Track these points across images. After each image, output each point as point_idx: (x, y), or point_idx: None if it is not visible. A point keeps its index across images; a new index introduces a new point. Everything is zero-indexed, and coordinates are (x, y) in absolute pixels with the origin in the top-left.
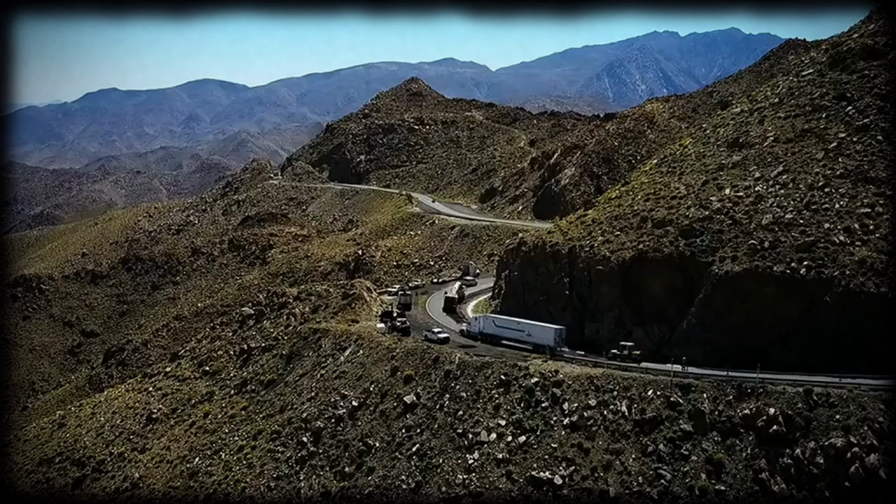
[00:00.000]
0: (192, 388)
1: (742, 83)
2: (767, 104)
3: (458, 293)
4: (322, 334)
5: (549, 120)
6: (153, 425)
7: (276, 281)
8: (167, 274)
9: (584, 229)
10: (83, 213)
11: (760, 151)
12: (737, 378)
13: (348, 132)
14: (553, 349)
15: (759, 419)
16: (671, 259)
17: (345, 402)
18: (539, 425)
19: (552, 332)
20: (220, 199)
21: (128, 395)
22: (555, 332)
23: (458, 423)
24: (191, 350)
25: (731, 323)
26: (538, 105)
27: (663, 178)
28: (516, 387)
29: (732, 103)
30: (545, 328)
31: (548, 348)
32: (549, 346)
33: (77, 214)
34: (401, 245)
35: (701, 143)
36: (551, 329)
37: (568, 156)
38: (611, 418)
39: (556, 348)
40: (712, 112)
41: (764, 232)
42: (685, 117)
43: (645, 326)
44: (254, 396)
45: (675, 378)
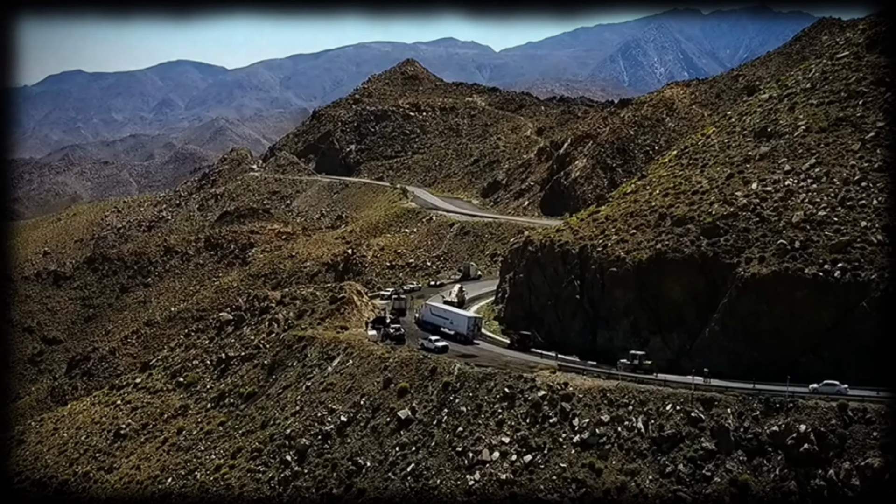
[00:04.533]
0: (164, 401)
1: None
2: (799, 90)
3: (458, 297)
4: (308, 342)
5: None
6: (121, 442)
7: (257, 283)
8: (137, 275)
9: (596, 227)
10: (45, 208)
11: (791, 142)
12: (764, 391)
13: (337, 119)
14: (467, 337)
15: (789, 437)
16: (692, 260)
17: (333, 418)
18: (546, 443)
19: (465, 321)
20: (196, 193)
21: (93, 408)
22: (468, 321)
23: (458, 441)
24: (163, 359)
25: (757, 331)
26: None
27: (684, 171)
28: (521, 400)
29: (760, 89)
30: (460, 316)
31: (462, 336)
32: (463, 335)
33: (38, 209)
34: (395, 244)
35: (725, 132)
36: (464, 317)
37: (579, 146)
38: (625, 435)
39: (469, 337)
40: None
41: (794, 230)
42: (708, 104)
43: (663, 334)
44: (232, 411)
45: (696, 391)
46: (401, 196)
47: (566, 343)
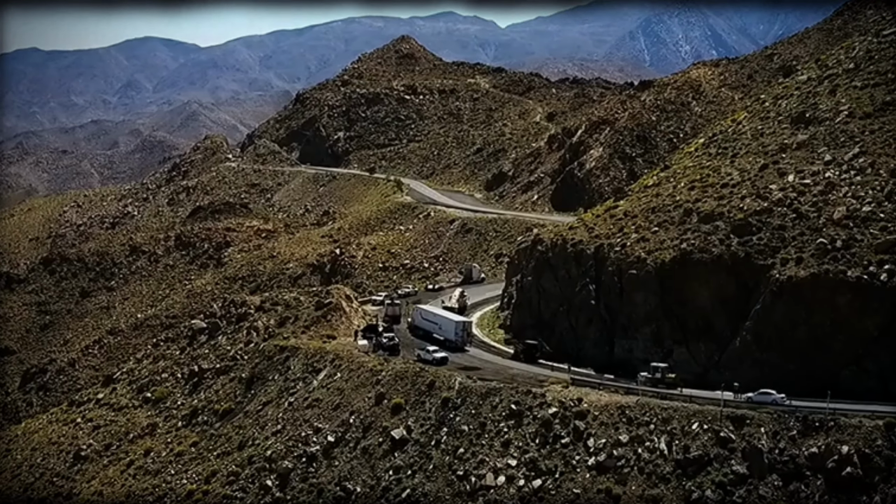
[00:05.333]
0: (129, 419)
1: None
2: (840, 70)
3: (459, 303)
4: (290, 353)
5: (572, 88)
6: (82, 465)
7: (233, 287)
8: (100, 278)
9: (614, 224)
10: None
11: (832, 129)
12: (802, 408)
13: (323, 103)
14: (455, 344)
15: (830, 459)
16: (721, 261)
17: (318, 437)
18: (558, 466)
19: (453, 325)
20: (166, 186)
21: (51, 427)
22: (455, 326)
23: (459, 464)
24: (128, 372)
25: (794, 340)
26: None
27: (712, 162)
28: (530, 418)
29: (797, 69)
30: (449, 320)
31: (451, 342)
32: (452, 341)
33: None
34: (388, 243)
35: (758, 118)
36: (452, 321)
37: (594, 133)
38: (646, 458)
39: (458, 343)
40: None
41: (836, 228)
42: (739, 86)
43: (688, 344)
44: (206, 430)
45: (725, 408)
46: (395, 189)
47: (580, 354)
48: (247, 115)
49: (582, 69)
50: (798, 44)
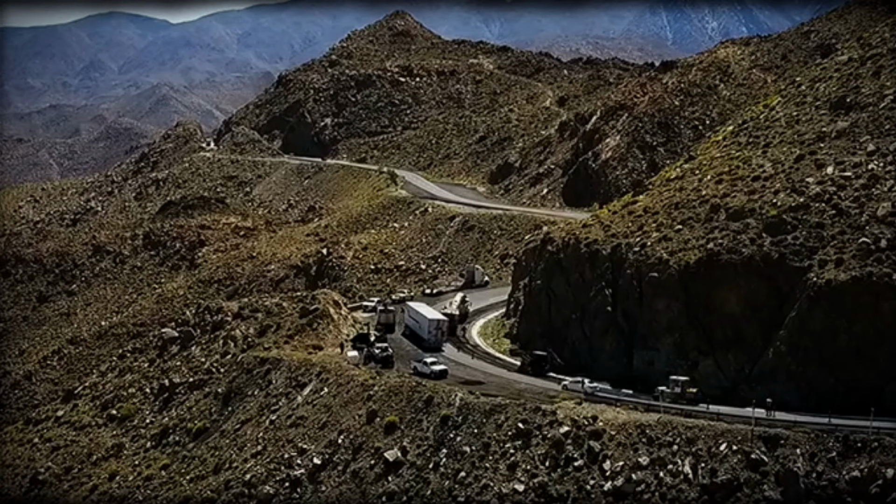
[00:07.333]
0: (93, 438)
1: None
2: (885, 50)
3: (461, 309)
4: (272, 366)
5: (586, 70)
6: (40, 490)
7: (208, 291)
8: (59, 281)
9: (632, 222)
10: None
11: (875, 115)
12: (842, 427)
13: (308, 86)
14: (429, 342)
15: (873, 484)
16: (752, 263)
17: (303, 460)
18: (570, 491)
19: (426, 323)
20: (133, 178)
21: (4, 448)
22: (428, 324)
23: (460, 489)
24: (91, 386)
25: (834, 351)
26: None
27: (742, 152)
28: (539, 438)
29: (837, 49)
30: (423, 317)
31: (424, 342)
32: (425, 339)
33: None
34: (381, 242)
35: (794, 103)
36: (426, 318)
37: (611, 120)
38: (669, 482)
39: (432, 342)
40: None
41: (880, 226)
42: (772, 67)
43: (716, 356)
44: (178, 451)
45: (757, 427)
46: (388, 182)
47: (595, 366)
48: (223, 100)
49: (597, 48)
50: (838, 20)
